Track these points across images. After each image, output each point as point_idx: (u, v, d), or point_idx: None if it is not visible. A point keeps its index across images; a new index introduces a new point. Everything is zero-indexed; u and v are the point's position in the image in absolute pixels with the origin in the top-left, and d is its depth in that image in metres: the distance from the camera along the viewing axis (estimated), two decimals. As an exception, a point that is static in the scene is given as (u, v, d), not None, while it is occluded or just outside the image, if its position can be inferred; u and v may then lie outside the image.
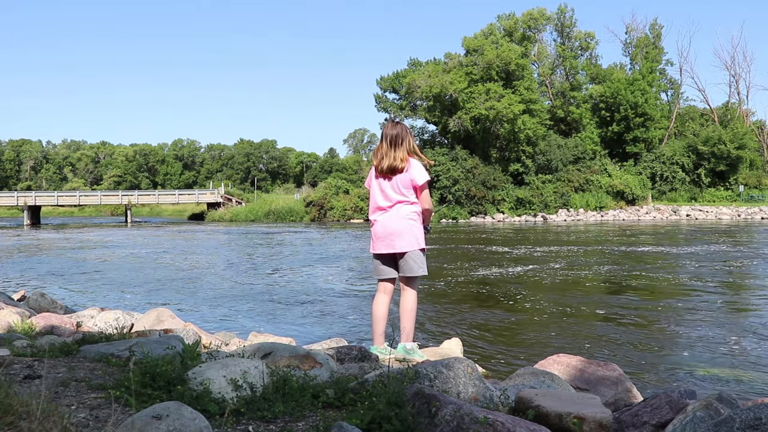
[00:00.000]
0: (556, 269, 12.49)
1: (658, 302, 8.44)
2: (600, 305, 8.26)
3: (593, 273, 11.88)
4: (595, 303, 8.52)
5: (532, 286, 10.32)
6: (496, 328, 6.80)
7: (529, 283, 10.68)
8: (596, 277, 11.35)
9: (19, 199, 52.15)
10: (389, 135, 3.99)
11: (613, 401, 3.10)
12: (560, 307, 8.12)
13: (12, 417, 1.64)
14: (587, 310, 7.89)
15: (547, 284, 10.42)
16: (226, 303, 8.99)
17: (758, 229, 27.93)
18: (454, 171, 43.54)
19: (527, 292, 9.59)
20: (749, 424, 1.78)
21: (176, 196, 58.85)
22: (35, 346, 3.33)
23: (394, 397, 2.02)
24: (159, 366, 2.28)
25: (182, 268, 14.24)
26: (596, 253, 16.17)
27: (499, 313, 7.76)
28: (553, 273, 11.88)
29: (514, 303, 8.53)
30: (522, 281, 10.87)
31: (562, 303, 8.44)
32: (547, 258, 14.98)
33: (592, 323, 7.03)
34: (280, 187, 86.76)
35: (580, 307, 8.13)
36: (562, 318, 7.36)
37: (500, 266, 13.23)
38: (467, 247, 18.78)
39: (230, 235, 29.63)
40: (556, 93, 52.52)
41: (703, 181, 48.97)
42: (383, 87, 54.57)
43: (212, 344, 4.45)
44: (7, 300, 6.49)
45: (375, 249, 4.07)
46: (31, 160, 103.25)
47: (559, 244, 20.00)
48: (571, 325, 6.92)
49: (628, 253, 15.91)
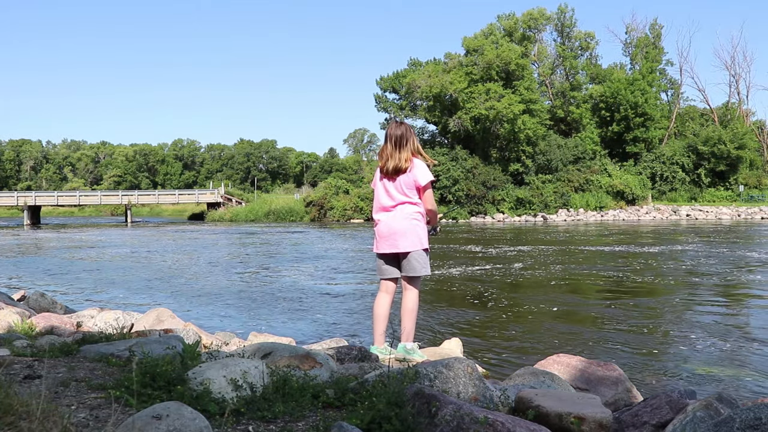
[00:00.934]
0: (557, 269, 12.49)
1: (658, 302, 8.44)
2: (600, 305, 8.26)
3: (593, 273, 11.88)
4: (595, 303, 8.53)
5: (532, 286, 10.32)
6: (496, 328, 6.80)
7: (529, 283, 10.68)
8: (596, 277, 11.35)
9: (19, 199, 52.15)
10: (394, 136, 3.98)
11: (613, 401, 3.10)
12: (560, 307, 8.13)
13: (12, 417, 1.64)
14: (587, 310, 7.89)
15: (547, 284, 10.42)
16: (226, 303, 8.99)
17: (758, 229, 27.93)
18: (454, 171, 43.54)
19: (527, 292, 9.60)
20: (749, 424, 1.78)
21: (176, 196, 58.85)
22: (35, 346, 3.33)
23: (394, 397, 2.02)
24: (159, 366, 2.28)
25: (182, 268, 14.24)
26: (596, 253, 16.17)
27: (499, 313, 7.76)
28: (553, 273, 11.88)
29: (514, 303, 8.53)
30: (522, 281, 10.87)
31: (562, 303, 8.44)
32: (547, 258, 14.98)
33: (592, 323, 7.03)
34: (280, 187, 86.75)
35: (580, 307, 8.13)
36: (562, 318, 7.36)
37: (500, 266, 13.23)
38: (467, 247, 18.78)
39: (230, 235, 29.63)
40: (556, 93, 52.52)
41: (703, 181, 48.97)
42: (383, 87, 54.57)
43: (212, 344, 4.45)
44: (7, 300, 6.49)
45: (378, 248, 4.07)
46: (31, 160, 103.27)
47: (559, 244, 20.00)
48: (571, 325, 6.92)
49: (628, 253, 15.91)
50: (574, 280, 10.87)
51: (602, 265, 13.32)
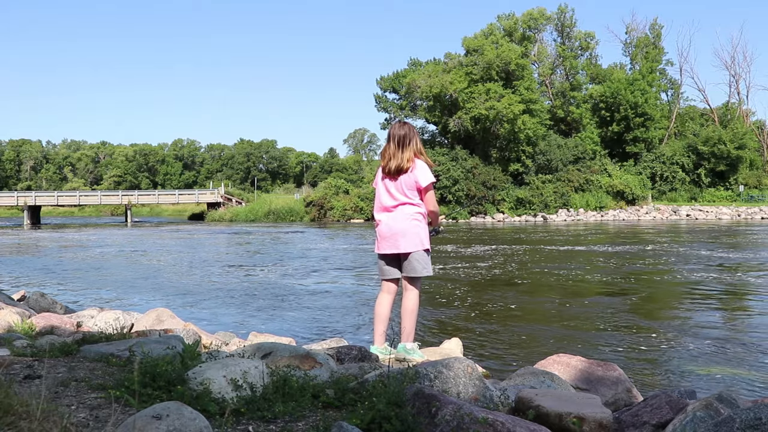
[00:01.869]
0: (556, 269, 12.49)
1: (658, 302, 8.44)
2: (600, 305, 8.26)
3: (593, 273, 11.88)
4: (595, 303, 8.52)
5: (531, 285, 10.33)
6: (495, 328, 6.79)
7: (529, 282, 10.68)
8: (596, 277, 11.35)
9: (19, 199, 52.16)
10: (397, 136, 3.98)
11: (613, 401, 3.10)
12: (560, 307, 8.13)
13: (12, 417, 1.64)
14: (587, 310, 7.89)
15: (546, 284, 10.42)
16: (226, 303, 8.99)
17: (758, 229, 27.93)
18: (454, 171, 43.54)
19: (527, 292, 9.60)
20: (749, 424, 1.78)
21: (176, 196, 58.86)
22: (35, 346, 3.33)
23: (394, 397, 2.02)
24: (159, 366, 2.28)
25: (182, 267, 14.24)
26: (596, 254, 16.17)
27: (499, 313, 7.76)
28: (553, 273, 11.88)
29: (514, 303, 8.53)
30: (522, 281, 10.87)
31: (562, 303, 8.44)
32: (547, 258, 14.98)
33: (592, 323, 7.02)
34: (280, 187, 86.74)
35: (580, 308, 8.13)
36: (562, 318, 7.36)
37: (500, 266, 13.23)
38: (467, 247, 18.78)
39: (230, 235, 29.63)
40: (556, 93, 52.52)
41: (703, 181, 48.97)
42: (383, 87, 54.59)
43: (212, 344, 4.45)
44: (7, 300, 6.49)
45: (380, 249, 4.07)
46: (31, 160, 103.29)
47: (559, 244, 20.00)
48: (571, 325, 6.92)
49: (628, 254, 15.91)
50: (573, 280, 10.88)
51: (602, 265, 13.32)
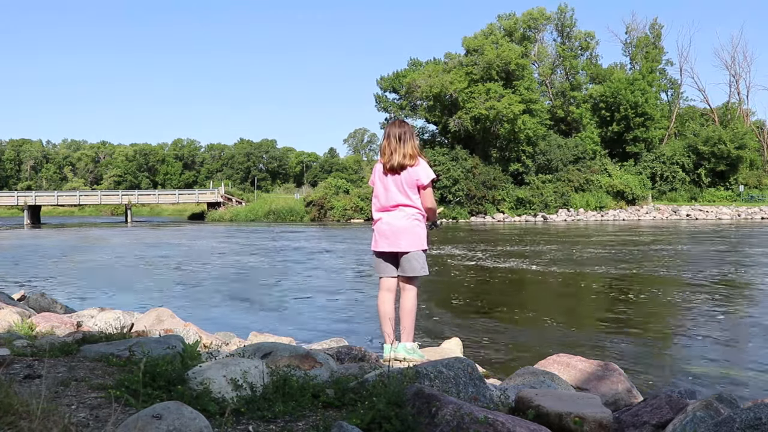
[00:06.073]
0: (556, 269, 12.49)
1: (658, 302, 8.44)
2: (600, 306, 8.26)
3: (593, 273, 11.88)
4: (595, 303, 8.52)
5: (531, 286, 10.33)
6: (495, 328, 6.79)
7: (529, 283, 10.68)
8: (596, 277, 11.35)
9: (19, 198, 52.16)
10: (396, 133, 3.97)
11: (613, 401, 3.10)
12: (560, 307, 8.13)
13: (12, 416, 1.64)
14: (587, 311, 7.89)
15: (546, 284, 10.42)
16: (226, 303, 8.99)
17: (758, 229, 27.93)
18: (454, 171, 43.53)
19: (527, 292, 9.60)
20: (749, 424, 1.78)
21: (176, 195, 58.84)
22: (35, 346, 3.33)
23: (394, 396, 2.02)
24: (159, 366, 2.28)
25: (182, 267, 14.24)
26: (596, 254, 16.16)
27: (499, 313, 7.76)
28: (552, 273, 11.88)
29: (514, 303, 8.53)
30: (521, 281, 10.87)
31: (562, 303, 8.44)
32: (547, 258, 14.97)
33: (592, 323, 7.03)
34: (280, 187, 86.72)
35: (580, 308, 8.13)
36: (562, 318, 7.36)
37: (500, 266, 13.23)
38: (467, 247, 18.78)
39: (230, 234, 29.63)
40: (556, 93, 52.51)
41: (703, 181, 48.96)
42: (383, 87, 54.57)
43: (212, 344, 4.45)
44: (7, 300, 6.49)
45: (377, 247, 4.06)
46: (31, 159, 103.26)
47: (559, 244, 20.00)
48: (571, 325, 6.92)
49: (628, 254, 15.91)
50: (574, 280, 10.87)
51: (602, 265, 13.32)
